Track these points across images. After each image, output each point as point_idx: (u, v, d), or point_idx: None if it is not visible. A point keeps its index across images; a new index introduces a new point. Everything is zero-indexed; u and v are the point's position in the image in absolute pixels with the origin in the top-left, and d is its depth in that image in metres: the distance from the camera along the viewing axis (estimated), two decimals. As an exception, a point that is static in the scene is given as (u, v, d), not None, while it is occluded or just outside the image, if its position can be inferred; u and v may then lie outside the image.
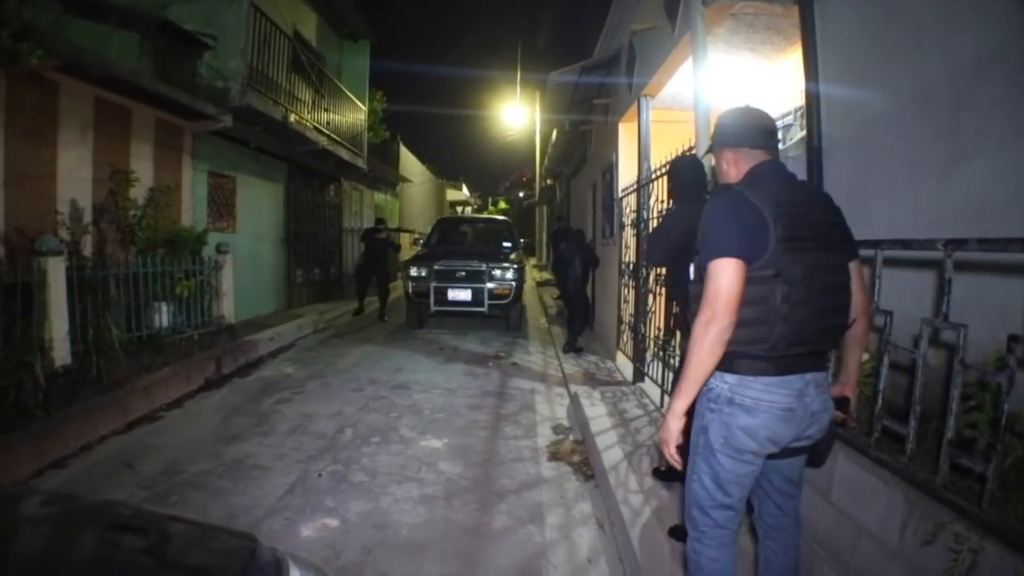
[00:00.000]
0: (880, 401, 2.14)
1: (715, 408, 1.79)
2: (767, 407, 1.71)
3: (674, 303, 3.91)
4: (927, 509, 1.83)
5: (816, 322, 1.72)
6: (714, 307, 1.63)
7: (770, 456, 1.82)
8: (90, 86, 6.11)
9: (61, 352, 4.93)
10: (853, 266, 1.88)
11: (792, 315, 1.67)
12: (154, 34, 7.51)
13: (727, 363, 1.73)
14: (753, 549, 2.71)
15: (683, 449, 1.82)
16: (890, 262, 2.30)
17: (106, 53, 6.50)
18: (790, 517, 2.02)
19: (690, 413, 1.82)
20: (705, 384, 1.77)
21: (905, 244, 2.07)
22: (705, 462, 1.82)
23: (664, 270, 4.06)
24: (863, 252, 1.92)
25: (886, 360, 2.14)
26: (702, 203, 2.93)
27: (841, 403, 1.95)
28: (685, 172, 3.36)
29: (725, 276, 1.64)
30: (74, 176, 6.02)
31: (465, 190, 37.83)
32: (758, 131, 1.89)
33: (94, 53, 5.82)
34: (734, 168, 1.92)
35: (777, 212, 1.67)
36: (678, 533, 2.80)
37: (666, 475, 3.47)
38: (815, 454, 1.93)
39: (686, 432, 1.82)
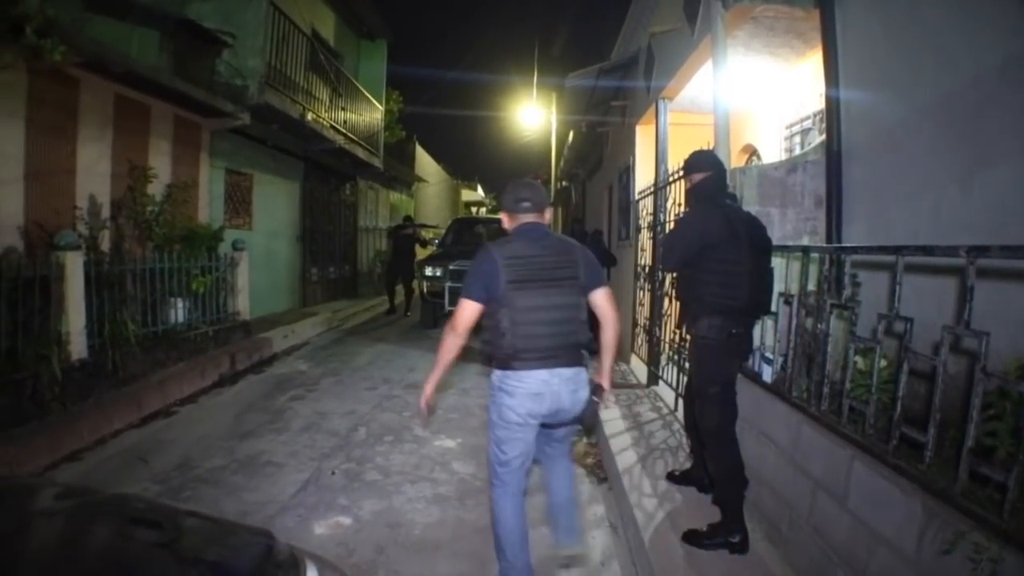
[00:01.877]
0: (898, 408, 2.12)
1: (492, 393, 2.51)
2: (521, 391, 2.40)
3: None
4: (946, 518, 1.80)
5: (537, 338, 2.40)
6: (456, 328, 2.48)
7: (546, 426, 2.55)
8: (110, 83, 6.18)
9: (77, 346, 4.99)
10: (601, 294, 2.57)
11: (515, 332, 2.38)
12: (173, 32, 7.61)
13: (497, 364, 2.46)
14: (770, 555, 2.70)
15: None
16: (911, 268, 2.28)
17: (126, 50, 6.58)
18: (557, 450, 2.74)
19: None
20: (494, 380, 2.51)
21: (927, 251, 2.04)
22: (491, 431, 2.54)
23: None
24: (884, 258, 1.92)
25: (905, 367, 2.12)
26: (719, 208, 2.91)
27: (596, 389, 2.58)
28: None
29: (464, 310, 2.46)
30: (93, 172, 6.09)
31: (480, 191, 37.80)
32: (522, 201, 2.56)
33: (115, 50, 5.89)
34: (509, 224, 2.62)
35: (508, 262, 2.41)
36: (692, 537, 2.78)
37: (680, 479, 3.45)
38: (582, 423, 2.64)
39: None
